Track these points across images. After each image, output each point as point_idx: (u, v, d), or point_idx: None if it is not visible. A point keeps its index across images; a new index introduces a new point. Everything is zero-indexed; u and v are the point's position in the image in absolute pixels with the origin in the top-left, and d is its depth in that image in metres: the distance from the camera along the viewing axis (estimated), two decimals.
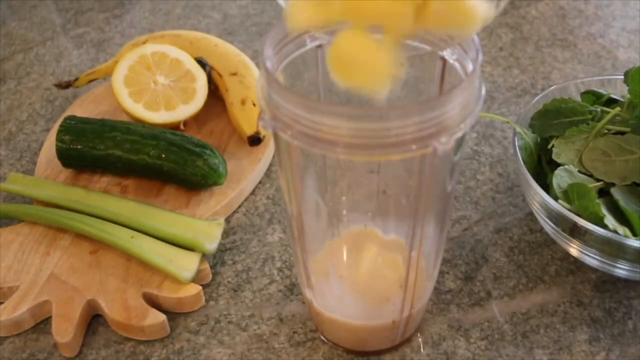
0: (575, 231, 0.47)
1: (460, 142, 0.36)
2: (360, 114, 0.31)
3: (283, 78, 0.38)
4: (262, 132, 0.60)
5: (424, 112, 0.31)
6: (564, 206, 0.46)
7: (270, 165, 0.62)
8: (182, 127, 0.61)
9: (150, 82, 0.61)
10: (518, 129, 0.52)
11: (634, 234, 0.45)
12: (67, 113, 0.67)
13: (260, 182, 0.61)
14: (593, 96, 0.56)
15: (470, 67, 0.35)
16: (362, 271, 0.41)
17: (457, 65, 0.37)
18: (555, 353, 0.46)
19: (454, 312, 0.49)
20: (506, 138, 0.64)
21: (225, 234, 0.56)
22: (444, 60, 0.37)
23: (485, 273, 0.52)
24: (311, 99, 0.34)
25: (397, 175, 0.43)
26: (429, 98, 0.41)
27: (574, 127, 0.52)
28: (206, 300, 0.51)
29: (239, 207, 0.58)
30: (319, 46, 0.38)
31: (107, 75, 0.67)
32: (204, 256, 0.52)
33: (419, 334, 0.48)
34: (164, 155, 0.56)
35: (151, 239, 0.52)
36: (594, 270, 0.51)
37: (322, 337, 0.47)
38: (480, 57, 0.33)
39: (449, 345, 0.47)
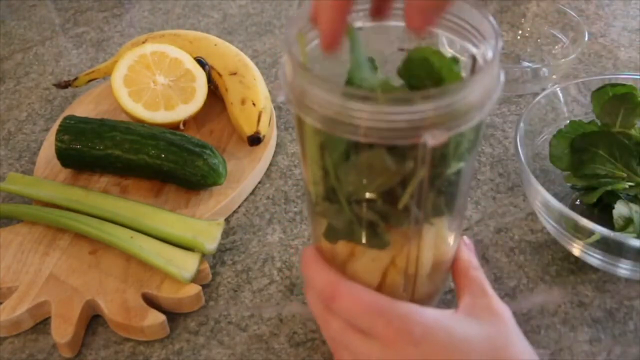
0: (577, 230, 0.47)
1: (478, 128, 0.36)
2: (387, 97, 0.31)
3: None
4: (262, 132, 0.60)
5: (445, 96, 0.31)
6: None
7: (270, 165, 0.62)
8: (181, 127, 0.61)
9: (150, 81, 0.61)
10: None
11: None
12: (67, 113, 0.67)
13: (260, 182, 0.60)
14: None
15: (489, 54, 0.35)
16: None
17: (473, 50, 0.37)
18: (556, 353, 0.46)
19: None
20: (507, 138, 0.64)
21: (225, 234, 0.56)
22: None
23: (485, 273, 0.51)
24: (337, 84, 0.34)
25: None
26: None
27: None
28: (206, 301, 0.50)
29: (239, 207, 0.58)
30: None
31: (107, 75, 0.67)
32: (204, 256, 0.52)
33: None
34: (163, 155, 0.56)
35: (151, 239, 0.52)
36: (594, 270, 0.51)
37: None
38: (500, 43, 0.34)
39: None
